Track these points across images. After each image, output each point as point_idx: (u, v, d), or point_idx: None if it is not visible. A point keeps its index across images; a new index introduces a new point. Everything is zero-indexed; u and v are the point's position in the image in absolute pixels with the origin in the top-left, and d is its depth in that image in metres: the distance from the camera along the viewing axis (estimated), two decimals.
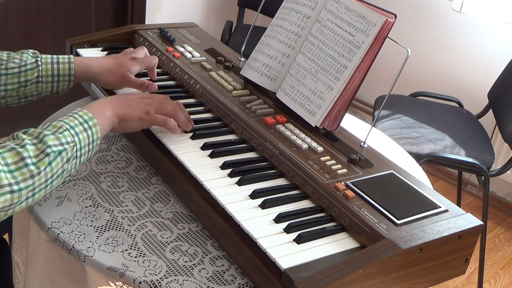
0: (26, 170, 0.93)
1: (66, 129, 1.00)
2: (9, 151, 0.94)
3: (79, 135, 1.01)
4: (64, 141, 0.98)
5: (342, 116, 1.25)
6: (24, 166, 0.93)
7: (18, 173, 0.92)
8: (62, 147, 0.98)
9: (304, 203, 1.06)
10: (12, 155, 0.93)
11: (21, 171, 0.93)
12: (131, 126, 1.14)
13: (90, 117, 1.04)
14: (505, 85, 2.37)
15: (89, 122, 1.03)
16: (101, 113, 1.08)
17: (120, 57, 1.34)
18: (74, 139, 1.00)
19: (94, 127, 1.04)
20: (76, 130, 1.01)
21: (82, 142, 1.01)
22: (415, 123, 2.32)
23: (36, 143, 0.96)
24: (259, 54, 1.36)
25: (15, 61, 1.22)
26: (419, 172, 1.45)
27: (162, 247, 1.04)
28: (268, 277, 0.91)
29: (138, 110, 1.14)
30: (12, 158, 0.93)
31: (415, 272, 0.97)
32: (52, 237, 1.05)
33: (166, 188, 1.19)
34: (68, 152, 0.99)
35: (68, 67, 1.26)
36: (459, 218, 1.02)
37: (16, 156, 0.93)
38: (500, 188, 2.89)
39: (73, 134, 1.00)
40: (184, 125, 1.19)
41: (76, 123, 1.02)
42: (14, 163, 0.93)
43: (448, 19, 2.86)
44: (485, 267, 2.44)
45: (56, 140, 0.97)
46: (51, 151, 0.96)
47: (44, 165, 0.95)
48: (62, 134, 0.99)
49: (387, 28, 1.17)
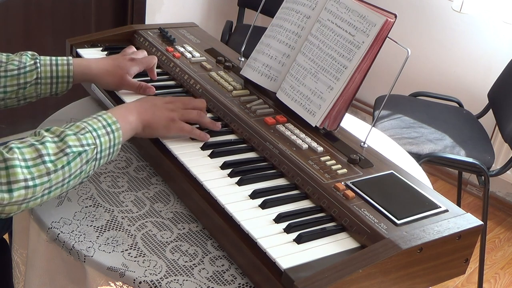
0: (43, 167, 0.94)
1: (88, 131, 1.01)
2: (28, 147, 0.95)
3: (100, 138, 1.02)
4: (85, 142, 0.99)
5: (342, 116, 1.25)
6: (42, 163, 0.94)
7: (35, 169, 0.93)
8: (82, 149, 0.98)
9: (304, 203, 1.06)
10: (31, 151, 0.94)
11: (38, 167, 0.94)
12: (156, 133, 1.14)
13: (114, 121, 1.05)
14: (505, 85, 2.37)
15: (112, 126, 1.04)
16: (125, 118, 1.08)
17: (119, 58, 1.34)
18: (96, 142, 1.01)
19: (116, 132, 1.04)
20: (98, 133, 1.02)
21: (103, 145, 1.02)
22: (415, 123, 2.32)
23: (57, 142, 0.97)
24: (259, 54, 1.36)
25: (14, 63, 1.22)
26: (419, 172, 1.45)
27: (162, 247, 1.04)
28: (268, 277, 0.91)
29: (163, 117, 1.14)
30: (31, 154, 0.94)
31: (415, 272, 0.97)
32: (52, 237, 1.05)
33: (166, 188, 1.19)
34: (88, 153, 0.99)
35: (67, 69, 1.26)
36: (459, 218, 1.02)
37: (35, 153, 0.94)
38: (500, 188, 2.89)
39: (95, 137, 1.01)
40: (212, 125, 1.20)
41: (99, 125, 1.03)
42: (32, 159, 0.94)
43: (448, 19, 2.86)
44: (485, 267, 2.44)
45: (77, 141, 0.98)
46: (70, 151, 0.97)
47: (62, 163, 0.96)
48: (84, 135, 1.00)
49: (387, 28, 1.17)
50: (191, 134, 1.17)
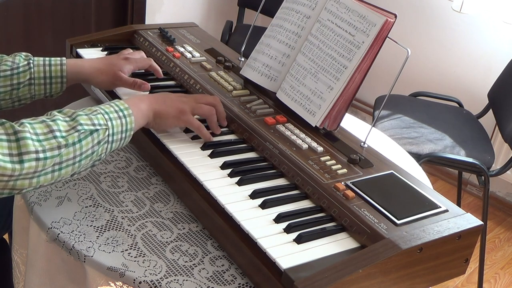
0: (54, 141, 0.96)
1: (100, 113, 1.03)
2: (39, 123, 0.98)
3: (112, 120, 1.04)
4: (96, 122, 1.01)
5: (342, 116, 1.25)
6: (53, 137, 0.96)
7: (46, 142, 0.95)
8: (94, 128, 1.00)
9: (304, 203, 1.06)
10: (42, 126, 0.97)
11: (49, 141, 0.96)
12: (165, 123, 1.16)
13: (126, 107, 1.07)
14: (505, 85, 2.37)
15: (124, 112, 1.06)
16: (137, 105, 1.10)
17: (112, 57, 1.35)
18: (107, 124, 1.03)
19: (128, 117, 1.06)
20: (110, 116, 1.04)
21: (115, 128, 1.04)
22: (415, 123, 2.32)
23: (68, 120, 1.00)
24: (259, 54, 1.36)
25: (7, 64, 1.22)
26: (419, 172, 1.45)
27: (162, 247, 1.04)
28: (268, 277, 0.91)
29: (174, 107, 1.15)
30: (42, 129, 0.97)
31: (415, 272, 0.97)
32: (52, 237, 1.05)
33: (166, 188, 1.19)
34: (100, 134, 1.01)
35: (60, 69, 1.26)
36: (459, 218, 1.02)
37: (46, 128, 0.97)
38: (500, 188, 2.89)
39: (107, 119, 1.03)
40: (215, 128, 1.21)
41: (111, 109, 1.05)
42: (43, 133, 0.96)
43: (448, 19, 2.86)
44: (485, 267, 2.44)
45: (88, 120, 1.01)
46: (82, 129, 0.99)
47: (73, 139, 0.98)
48: (96, 116, 1.02)
49: (387, 28, 1.17)
50: (198, 131, 1.18)
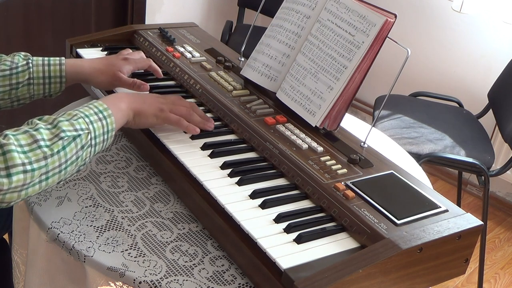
0: (40, 151, 0.95)
1: (80, 117, 1.02)
2: (23, 134, 0.96)
3: (93, 123, 1.03)
4: (78, 127, 1.00)
5: (342, 116, 1.25)
6: (38, 148, 0.95)
7: (31, 153, 0.94)
8: (76, 133, 1.00)
9: (304, 203, 1.06)
10: (25, 137, 0.96)
11: (34, 152, 0.95)
12: (144, 121, 1.15)
13: (105, 107, 1.06)
14: (505, 85, 2.37)
15: (103, 113, 1.05)
16: (116, 105, 1.10)
17: (112, 57, 1.34)
18: (89, 127, 1.02)
19: (108, 118, 1.06)
20: (91, 119, 1.03)
21: (97, 131, 1.03)
22: (415, 123, 2.32)
23: (50, 128, 0.99)
24: (259, 54, 1.36)
25: (6, 64, 1.22)
26: (419, 172, 1.45)
27: (162, 247, 1.04)
28: (268, 277, 0.91)
29: (153, 106, 1.16)
30: (26, 140, 0.95)
31: (415, 272, 0.97)
32: (52, 237, 1.05)
33: (166, 188, 1.19)
34: (83, 138, 1.01)
35: (59, 69, 1.26)
36: (459, 218, 1.02)
37: (30, 138, 0.96)
38: (500, 188, 2.89)
39: (88, 122, 1.02)
40: (202, 125, 1.20)
41: (91, 112, 1.04)
42: (27, 144, 0.95)
43: (448, 19, 2.86)
44: (485, 267, 2.44)
45: (70, 126, 1.00)
46: (65, 135, 0.98)
47: (58, 147, 0.97)
48: (77, 121, 1.01)
49: (387, 28, 1.17)
50: (178, 125, 1.18)
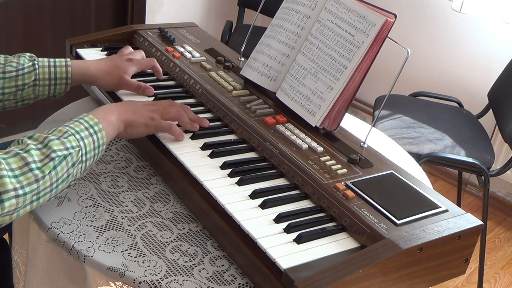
0: (31, 174, 0.93)
1: (71, 134, 1.00)
2: (13, 157, 0.94)
3: (84, 139, 1.01)
4: (69, 145, 0.98)
5: (342, 116, 1.25)
6: (29, 171, 0.93)
7: (23, 177, 0.92)
8: (67, 152, 0.98)
9: (304, 203, 1.06)
10: (16, 160, 0.93)
11: (26, 175, 0.93)
12: (136, 131, 1.14)
13: (96, 122, 1.04)
14: (505, 85, 2.37)
15: (94, 127, 1.04)
16: (107, 118, 1.08)
17: (117, 58, 1.34)
18: (80, 144, 1.00)
19: (99, 132, 1.04)
20: (81, 135, 1.01)
21: (88, 146, 1.02)
22: (415, 123, 2.32)
23: (41, 148, 0.96)
24: (259, 54, 1.36)
25: (13, 65, 1.22)
26: (419, 172, 1.45)
27: (162, 247, 1.04)
28: (268, 277, 0.91)
29: (143, 116, 1.14)
30: (17, 163, 0.93)
31: (415, 272, 0.97)
32: (52, 237, 1.05)
33: (166, 188, 1.19)
34: (73, 156, 0.99)
35: (65, 70, 1.26)
36: (459, 218, 1.02)
37: (21, 161, 0.93)
38: (500, 188, 2.89)
39: (79, 139, 1.00)
40: (190, 126, 1.20)
41: (81, 128, 1.02)
42: (18, 168, 0.93)
43: (448, 19, 2.86)
44: (485, 267, 2.44)
45: (61, 144, 0.98)
46: (56, 156, 0.96)
47: (49, 169, 0.95)
48: (67, 139, 0.99)
49: (387, 28, 1.17)
50: (169, 131, 1.17)
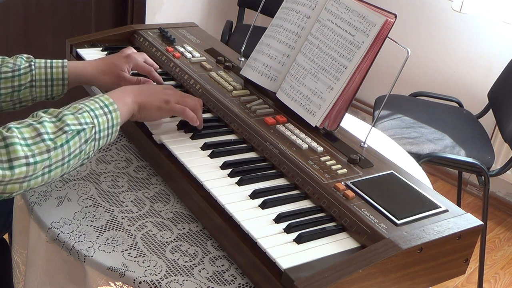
0: (43, 144, 0.95)
1: (86, 111, 1.02)
2: (26, 127, 0.96)
3: (98, 118, 1.03)
4: (83, 121, 1.00)
5: (342, 116, 1.25)
6: (41, 141, 0.95)
7: (34, 146, 0.95)
8: (81, 127, 1.00)
9: (304, 203, 1.06)
10: (29, 130, 0.96)
11: (38, 145, 0.95)
12: (149, 114, 1.15)
13: (111, 102, 1.06)
14: (505, 85, 2.37)
15: (109, 107, 1.05)
16: (122, 99, 1.09)
17: (113, 56, 1.34)
18: (93, 121, 1.02)
19: (114, 112, 1.05)
20: (96, 113, 1.03)
21: (102, 125, 1.03)
22: (415, 123, 2.32)
23: (55, 121, 0.99)
24: (259, 54, 1.36)
25: (9, 66, 1.22)
26: (419, 172, 1.45)
27: (162, 247, 1.04)
28: (268, 277, 0.91)
29: (158, 99, 1.15)
30: (30, 133, 0.96)
31: (415, 272, 0.97)
32: (52, 237, 1.05)
33: (166, 188, 1.19)
34: (87, 132, 1.00)
35: (61, 71, 1.26)
36: (459, 218, 1.02)
37: (34, 132, 0.96)
38: (500, 188, 2.89)
39: (93, 116, 1.02)
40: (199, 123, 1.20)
41: (96, 106, 1.04)
42: (31, 137, 0.95)
43: (448, 19, 2.86)
44: (485, 267, 2.44)
45: (75, 119, 1.00)
46: (69, 129, 0.98)
47: (61, 141, 0.97)
48: (82, 115, 1.01)
49: (387, 28, 1.17)
50: (183, 115, 1.17)
